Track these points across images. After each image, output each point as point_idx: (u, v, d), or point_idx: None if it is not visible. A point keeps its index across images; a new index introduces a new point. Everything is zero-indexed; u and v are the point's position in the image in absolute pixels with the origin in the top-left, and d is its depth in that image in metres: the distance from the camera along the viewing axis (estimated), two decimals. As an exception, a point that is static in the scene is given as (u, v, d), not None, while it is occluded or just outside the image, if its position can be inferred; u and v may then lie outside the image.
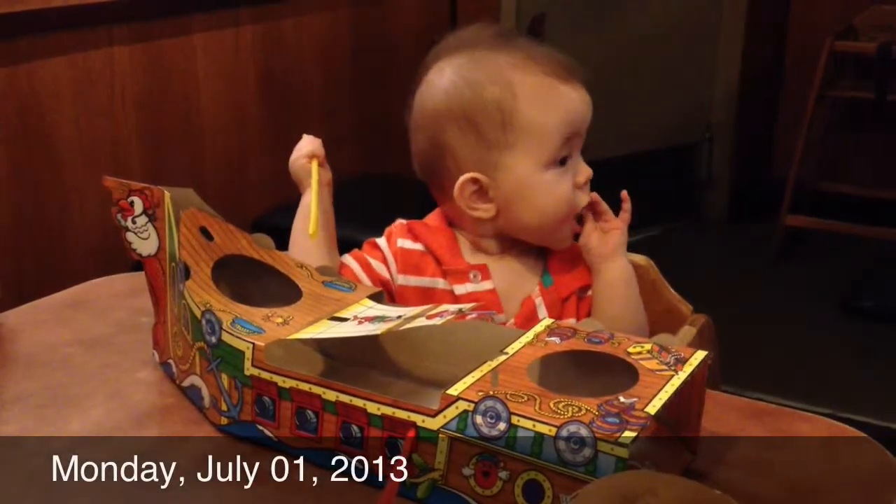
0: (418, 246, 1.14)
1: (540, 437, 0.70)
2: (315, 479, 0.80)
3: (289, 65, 2.86)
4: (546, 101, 1.07)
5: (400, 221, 1.18)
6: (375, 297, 0.94)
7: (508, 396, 0.73)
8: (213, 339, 0.86)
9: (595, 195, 1.13)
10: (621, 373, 0.78)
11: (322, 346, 0.94)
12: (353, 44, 3.07)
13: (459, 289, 1.11)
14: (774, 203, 3.34)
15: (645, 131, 3.53)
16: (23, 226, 2.22)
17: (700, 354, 0.80)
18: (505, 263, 1.13)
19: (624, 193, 1.13)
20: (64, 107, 2.27)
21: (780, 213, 3.31)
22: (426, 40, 1.15)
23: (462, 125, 1.08)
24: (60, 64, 2.24)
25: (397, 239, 1.15)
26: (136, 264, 0.99)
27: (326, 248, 1.13)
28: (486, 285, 1.11)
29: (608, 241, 1.12)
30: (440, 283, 1.12)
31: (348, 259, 1.14)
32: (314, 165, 1.14)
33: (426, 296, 1.11)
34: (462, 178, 1.09)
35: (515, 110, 1.07)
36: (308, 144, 1.16)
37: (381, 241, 1.16)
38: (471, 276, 1.12)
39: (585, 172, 1.10)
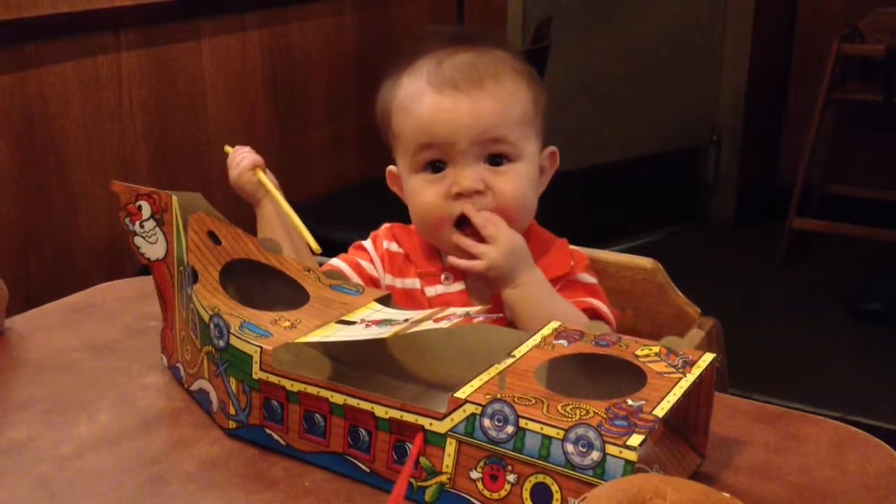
0: (401, 249, 1.16)
1: (548, 440, 0.70)
2: (322, 483, 0.80)
3: (295, 69, 2.86)
4: (407, 109, 1.09)
5: (386, 225, 1.19)
6: (383, 301, 0.94)
7: (516, 399, 0.73)
8: (222, 343, 0.86)
9: (470, 215, 1.07)
10: (629, 376, 0.77)
11: (329, 349, 0.94)
12: (359, 48, 3.07)
13: (430, 290, 1.12)
14: (781, 206, 3.33)
15: (651, 135, 3.53)
16: (30, 230, 2.23)
17: (708, 357, 0.79)
18: None
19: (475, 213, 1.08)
20: (72, 111, 2.27)
21: (787, 215, 3.30)
22: (432, 45, 1.15)
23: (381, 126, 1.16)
24: (68, 69, 2.25)
25: (383, 241, 1.17)
26: (143, 268, 0.99)
27: (293, 251, 1.15)
28: (457, 287, 1.12)
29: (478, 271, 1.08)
30: (417, 284, 1.13)
31: (337, 262, 1.16)
32: (260, 175, 1.17)
33: (409, 297, 1.12)
34: (387, 170, 1.17)
35: (391, 115, 1.12)
36: (246, 156, 1.18)
37: (367, 244, 1.18)
38: (442, 277, 1.12)
39: (459, 184, 1.07)
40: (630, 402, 0.72)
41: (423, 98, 1.08)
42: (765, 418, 0.89)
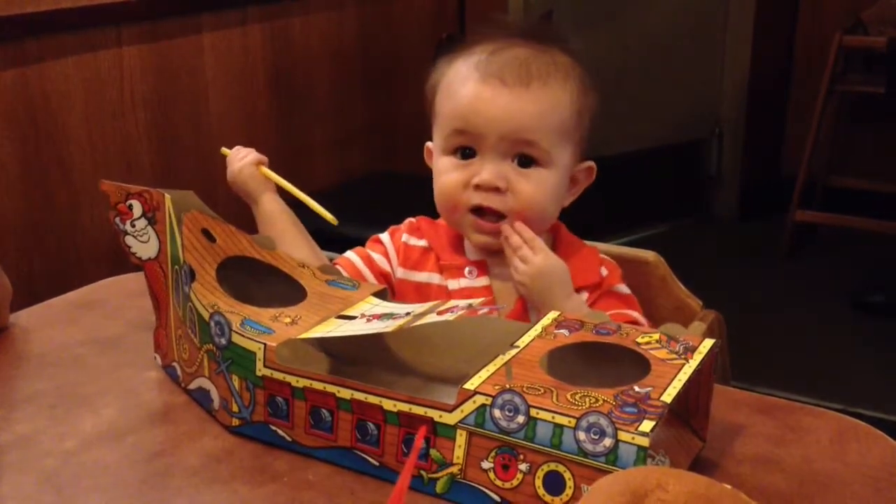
0: (422, 242, 1.15)
1: (559, 428, 0.71)
2: (326, 476, 0.81)
3: (297, 63, 2.86)
4: (451, 91, 1.09)
5: (410, 220, 1.19)
6: (380, 295, 0.94)
7: (525, 389, 0.73)
8: (223, 341, 0.86)
9: (515, 227, 1.08)
10: (631, 363, 0.78)
11: (324, 345, 0.94)
12: (361, 42, 3.07)
13: (453, 284, 1.12)
14: (784, 198, 3.33)
15: (654, 128, 3.53)
16: (33, 226, 2.23)
17: (708, 342, 0.80)
18: (507, 262, 1.12)
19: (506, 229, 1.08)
20: (74, 107, 2.28)
21: (790, 208, 3.30)
22: (434, 38, 1.16)
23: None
24: (70, 64, 2.25)
25: (402, 234, 1.17)
26: (144, 264, 1.00)
27: (311, 250, 1.15)
28: (482, 281, 1.12)
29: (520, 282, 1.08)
30: (436, 278, 1.13)
31: (350, 255, 1.16)
32: (264, 169, 1.17)
33: (422, 291, 1.12)
34: (426, 146, 1.16)
35: (437, 93, 1.12)
36: (249, 153, 1.19)
37: (384, 236, 1.18)
38: (466, 271, 1.12)
39: (480, 177, 1.07)
40: (637, 388, 0.73)
41: (467, 83, 1.08)
42: (767, 410, 0.90)
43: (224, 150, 1.21)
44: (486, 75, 1.07)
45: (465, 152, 1.08)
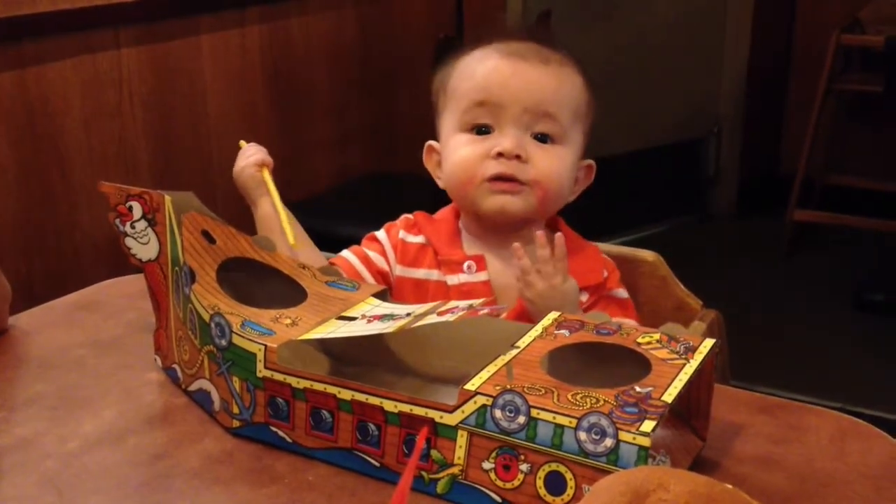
0: (419, 239, 1.15)
1: (560, 428, 0.71)
2: (327, 477, 0.81)
3: (296, 64, 2.86)
4: (469, 69, 1.12)
5: (406, 216, 1.19)
6: (380, 296, 0.94)
7: (526, 390, 0.73)
8: (223, 343, 0.86)
9: (554, 238, 1.06)
10: (632, 363, 0.78)
11: (325, 346, 0.94)
12: (360, 42, 3.07)
13: (452, 279, 1.12)
14: (783, 197, 3.33)
15: (652, 127, 3.53)
16: (33, 228, 2.23)
17: (709, 342, 0.81)
18: (506, 257, 1.12)
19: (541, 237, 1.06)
20: (72, 109, 2.28)
21: (788, 207, 3.30)
22: (433, 38, 1.16)
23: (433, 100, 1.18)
24: (68, 66, 2.25)
25: (399, 231, 1.16)
26: (144, 266, 0.99)
27: (311, 250, 1.14)
28: (481, 276, 1.11)
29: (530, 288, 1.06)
30: (434, 274, 1.13)
31: (347, 254, 1.16)
32: (265, 174, 1.15)
33: (420, 288, 1.12)
34: (426, 144, 1.17)
35: (450, 78, 1.14)
36: (256, 153, 1.17)
37: (381, 234, 1.17)
38: (465, 266, 1.12)
39: (502, 145, 1.07)
40: (638, 388, 0.73)
41: (487, 61, 1.11)
42: (767, 409, 0.90)
43: (242, 142, 1.20)
44: (507, 54, 1.10)
45: (482, 130, 1.10)
